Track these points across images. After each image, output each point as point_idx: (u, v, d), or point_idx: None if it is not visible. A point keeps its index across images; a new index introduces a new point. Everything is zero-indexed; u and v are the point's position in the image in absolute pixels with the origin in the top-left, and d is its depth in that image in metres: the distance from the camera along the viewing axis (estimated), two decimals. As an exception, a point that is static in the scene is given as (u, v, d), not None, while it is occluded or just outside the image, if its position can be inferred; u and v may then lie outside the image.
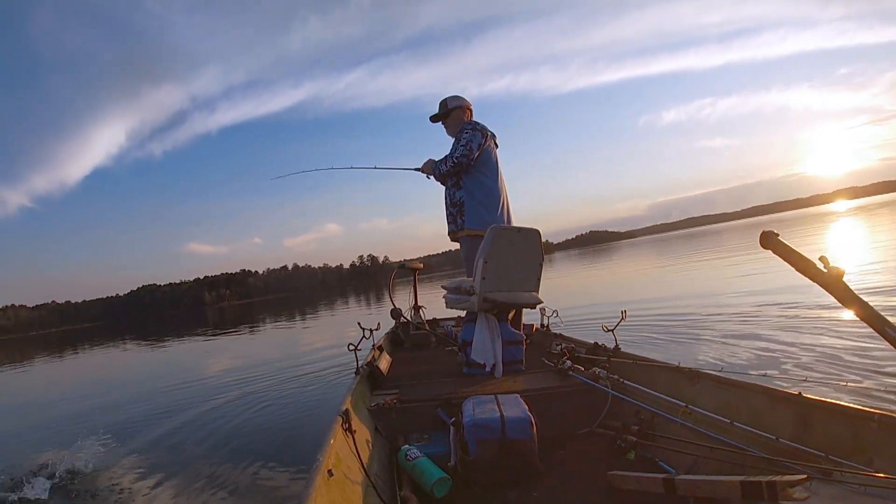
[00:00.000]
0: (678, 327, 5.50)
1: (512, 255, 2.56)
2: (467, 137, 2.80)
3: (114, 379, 9.26)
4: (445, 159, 2.87)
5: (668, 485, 1.26)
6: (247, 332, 15.03)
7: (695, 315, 6.16)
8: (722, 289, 8.12)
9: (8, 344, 57.34)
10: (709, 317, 5.90)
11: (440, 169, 2.91)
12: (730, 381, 1.66)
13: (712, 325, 5.38)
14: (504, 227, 2.63)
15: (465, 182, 2.86)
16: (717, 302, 6.88)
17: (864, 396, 2.68)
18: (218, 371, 7.37)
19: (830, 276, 1.12)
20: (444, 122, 3.07)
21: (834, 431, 1.27)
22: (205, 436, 3.73)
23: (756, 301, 6.47)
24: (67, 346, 25.06)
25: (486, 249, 2.49)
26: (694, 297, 7.61)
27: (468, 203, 2.85)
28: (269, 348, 9.93)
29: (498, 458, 1.60)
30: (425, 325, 4.08)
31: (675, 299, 7.68)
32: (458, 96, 3.05)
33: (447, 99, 3.06)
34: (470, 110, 3.05)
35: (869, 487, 1.02)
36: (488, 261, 2.48)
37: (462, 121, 3.00)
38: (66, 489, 3.00)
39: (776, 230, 1.21)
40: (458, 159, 2.80)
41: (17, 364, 16.67)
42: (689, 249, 22.94)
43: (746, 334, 4.67)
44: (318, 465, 1.19)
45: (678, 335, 5.10)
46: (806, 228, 23.83)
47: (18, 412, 6.55)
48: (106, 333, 35.98)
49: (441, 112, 3.06)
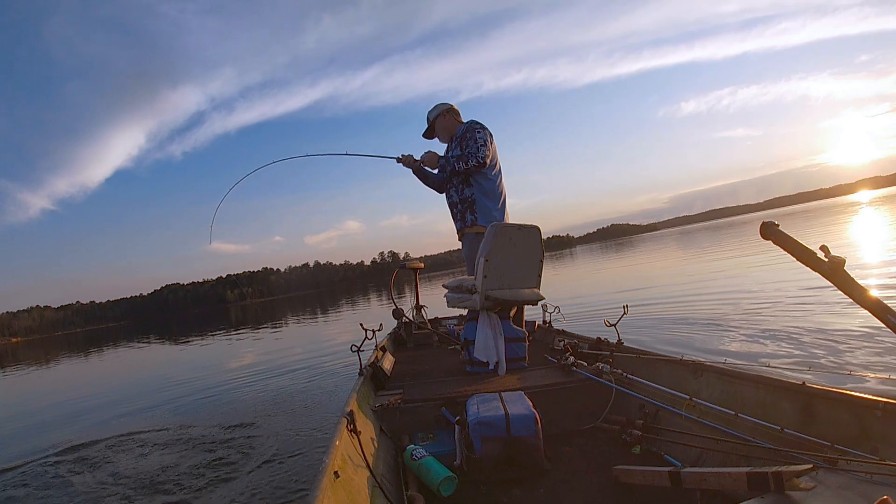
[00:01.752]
0: (682, 320, 5.50)
1: (513, 253, 2.55)
2: (483, 137, 2.77)
3: (121, 377, 9.36)
4: (461, 158, 2.77)
5: (674, 478, 1.26)
6: (264, 331, 15.04)
7: (700, 308, 6.17)
8: (727, 281, 8.13)
9: (34, 344, 57.54)
10: (713, 309, 5.90)
11: (455, 166, 2.78)
12: (733, 373, 1.66)
13: (716, 317, 5.38)
14: (505, 225, 2.62)
15: (476, 179, 2.83)
16: (721, 295, 6.89)
17: (868, 385, 2.68)
18: (227, 370, 7.41)
19: (831, 266, 1.12)
20: (435, 134, 3.09)
21: (838, 420, 1.27)
22: (209, 436, 3.73)
23: (759, 292, 6.47)
24: (92, 345, 25.51)
25: (488, 247, 2.48)
26: (698, 291, 7.62)
27: (479, 200, 2.83)
28: (279, 348, 9.91)
29: (503, 455, 1.60)
30: (427, 324, 4.08)
31: (679, 293, 7.69)
32: (438, 105, 3.04)
33: (429, 112, 3.07)
34: (454, 111, 3.02)
35: (874, 475, 1.03)
36: (489, 258, 2.48)
37: (453, 123, 2.98)
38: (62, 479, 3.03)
39: (798, 222, 1.21)
40: (482, 160, 2.73)
41: (42, 363, 16.99)
42: (709, 242, 22.69)
43: (750, 325, 4.67)
44: (325, 467, 1.19)
45: (682, 328, 5.10)
46: (829, 219, 23.49)
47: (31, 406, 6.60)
48: (130, 333, 36.53)
49: (429, 126, 3.08)
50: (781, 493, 1.02)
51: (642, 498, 1.38)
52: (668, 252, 21.31)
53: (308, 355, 7.51)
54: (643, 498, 1.38)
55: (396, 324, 4.06)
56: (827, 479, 1.05)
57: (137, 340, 21.90)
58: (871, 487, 1.00)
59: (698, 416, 1.64)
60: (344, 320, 14.56)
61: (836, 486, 1.03)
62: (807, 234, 14.75)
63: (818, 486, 1.03)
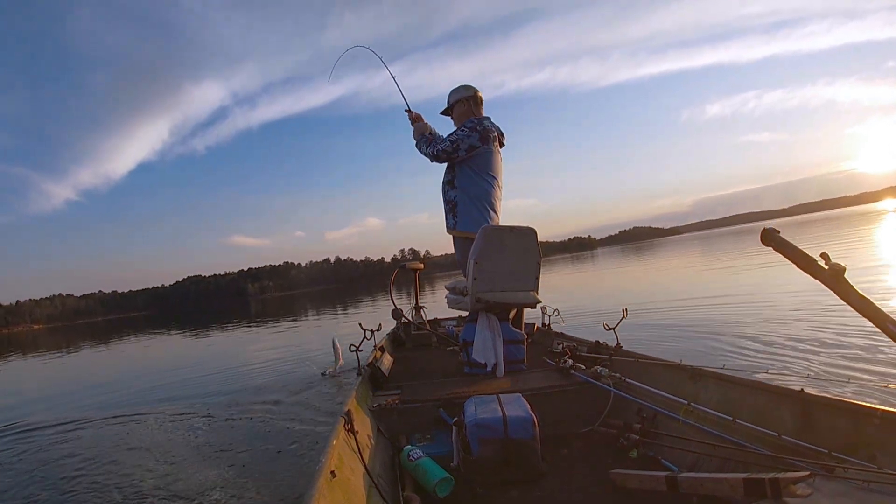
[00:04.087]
0: (680, 325, 5.50)
1: (505, 255, 2.53)
2: (460, 136, 2.72)
3: (125, 367, 9.36)
4: (431, 142, 2.79)
5: (670, 483, 1.26)
6: (280, 324, 14.95)
7: (697, 313, 6.17)
8: (730, 288, 8.12)
9: (56, 331, 57.59)
10: (711, 314, 5.90)
11: (421, 148, 2.84)
12: (732, 379, 1.66)
13: (715, 323, 5.38)
14: (494, 228, 2.58)
15: (460, 182, 2.77)
16: (721, 300, 6.89)
17: (867, 392, 2.68)
18: (231, 364, 7.41)
19: (832, 273, 1.12)
20: (451, 116, 3.00)
21: (836, 428, 1.27)
22: (203, 435, 3.73)
23: (760, 299, 6.47)
24: (111, 334, 25.74)
25: (477, 250, 2.48)
26: (701, 296, 7.62)
27: (461, 204, 2.77)
28: (285, 343, 9.79)
29: (500, 457, 1.60)
30: (426, 325, 4.08)
31: (682, 297, 7.69)
32: (463, 86, 2.92)
33: (451, 92, 2.96)
34: (475, 100, 2.91)
35: (872, 484, 1.02)
36: (479, 261, 2.47)
37: (468, 114, 2.89)
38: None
39: (823, 229, 1.21)
40: (438, 153, 2.73)
41: (63, 350, 17.09)
42: (730, 248, 22.39)
43: (748, 331, 4.67)
44: (321, 467, 1.19)
45: (680, 333, 5.10)
46: (853, 228, 23.08)
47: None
48: (151, 323, 36.70)
49: (448, 107, 2.99)
50: (778, 500, 1.02)
51: (639, 502, 1.38)
52: (686, 257, 21.02)
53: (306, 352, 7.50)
54: (640, 502, 1.38)
55: (395, 324, 4.06)
56: (824, 486, 1.05)
57: (153, 331, 22.13)
58: (868, 495, 1.00)
59: (696, 421, 1.64)
60: (362, 315, 14.49)
61: (833, 494, 1.02)
62: (831, 242, 14.56)
63: (815, 493, 1.02)
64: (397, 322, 3.98)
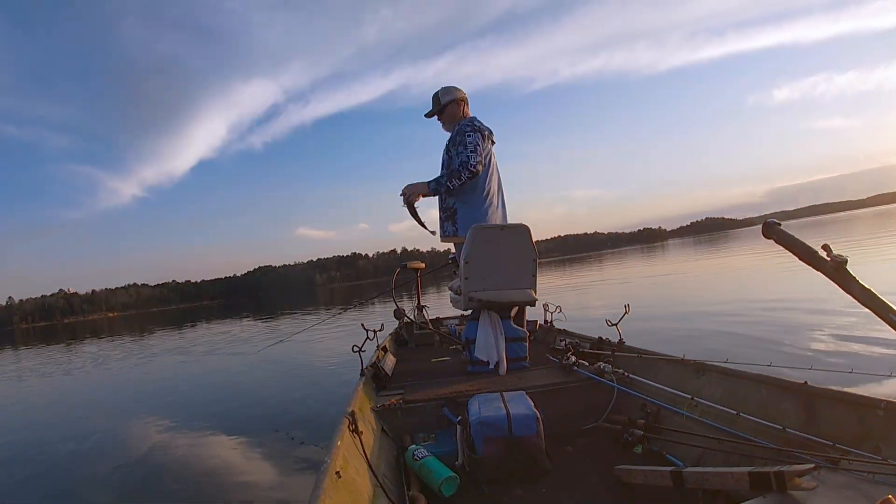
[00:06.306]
0: (685, 320, 5.50)
1: (496, 254, 2.50)
2: (474, 141, 2.61)
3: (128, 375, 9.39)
4: (453, 173, 2.59)
5: (675, 477, 1.26)
6: (329, 314, 14.43)
7: (704, 307, 6.16)
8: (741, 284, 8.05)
9: (130, 318, 57.94)
10: (716, 308, 5.89)
11: (449, 185, 2.60)
12: (735, 372, 1.66)
13: (718, 316, 5.38)
14: (483, 227, 2.54)
15: (459, 188, 2.66)
16: (727, 295, 6.87)
17: (870, 384, 2.67)
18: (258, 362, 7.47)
19: (834, 265, 1.12)
20: (440, 118, 2.92)
21: (841, 420, 1.27)
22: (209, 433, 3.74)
23: (764, 293, 6.46)
24: (186, 321, 26.85)
25: (467, 250, 2.47)
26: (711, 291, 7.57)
27: (461, 210, 2.72)
28: (311, 340, 9.47)
29: (505, 455, 1.60)
30: (429, 324, 4.08)
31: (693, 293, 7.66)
32: (451, 88, 2.86)
33: (439, 93, 2.88)
34: (465, 102, 2.86)
35: (877, 475, 1.02)
36: (469, 261, 2.46)
37: (458, 114, 2.83)
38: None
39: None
40: (474, 168, 2.55)
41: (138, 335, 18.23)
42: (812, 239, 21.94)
43: (751, 325, 4.66)
44: (326, 467, 1.19)
45: (684, 328, 5.10)
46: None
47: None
48: (223, 310, 37.95)
49: (435, 108, 2.89)
50: (783, 493, 1.02)
51: (644, 498, 1.38)
52: (758, 248, 20.03)
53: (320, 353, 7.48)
54: (645, 498, 1.38)
55: (398, 324, 4.06)
56: (829, 478, 1.05)
57: (223, 318, 23.19)
58: (873, 487, 0.99)
59: (700, 415, 1.64)
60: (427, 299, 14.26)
61: (839, 486, 1.02)
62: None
63: (820, 485, 1.02)
64: (399, 322, 3.98)
